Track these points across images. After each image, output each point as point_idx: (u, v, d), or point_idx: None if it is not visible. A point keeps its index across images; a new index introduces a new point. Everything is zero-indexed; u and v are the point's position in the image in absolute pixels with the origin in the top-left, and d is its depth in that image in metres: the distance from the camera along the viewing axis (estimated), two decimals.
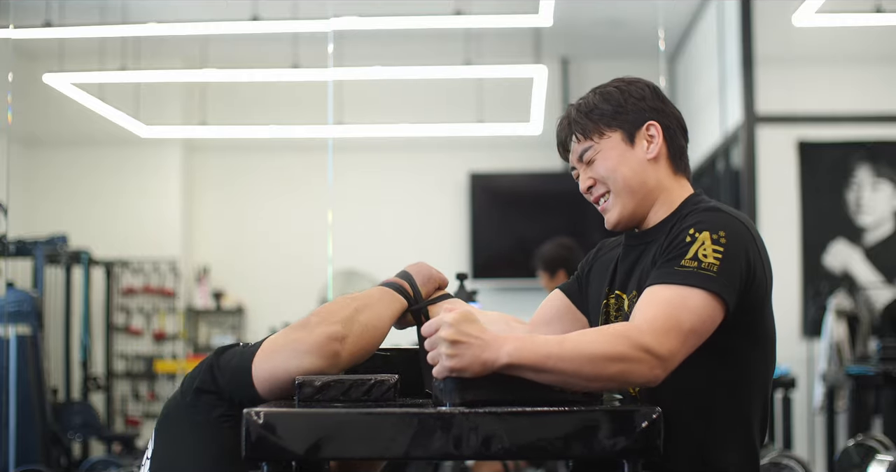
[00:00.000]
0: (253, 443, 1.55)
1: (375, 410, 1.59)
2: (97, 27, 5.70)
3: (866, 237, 6.11)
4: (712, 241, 1.70)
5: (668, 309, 1.65)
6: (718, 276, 1.68)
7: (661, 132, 1.87)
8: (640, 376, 1.61)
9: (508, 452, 1.55)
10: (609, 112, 1.87)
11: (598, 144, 1.88)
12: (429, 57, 6.44)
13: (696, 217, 1.75)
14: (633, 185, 1.86)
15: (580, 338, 1.62)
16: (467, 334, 1.59)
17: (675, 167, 1.89)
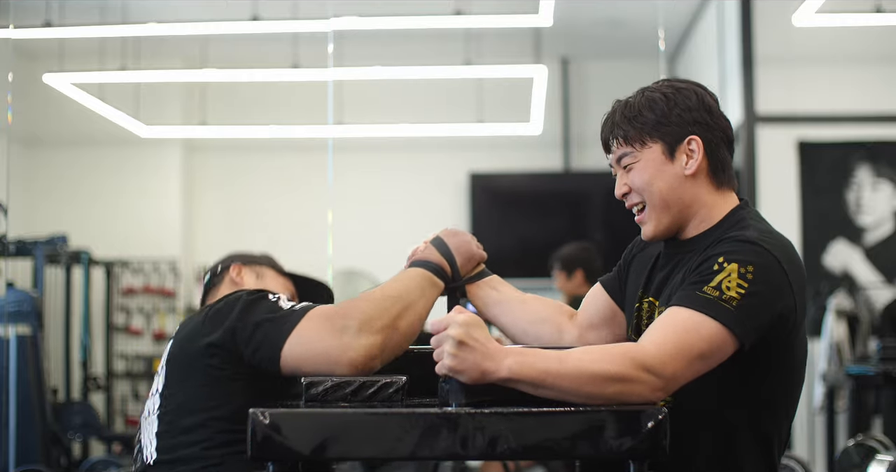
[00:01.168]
0: (259, 443, 1.55)
1: (381, 410, 1.59)
2: (97, 27, 5.70)
3: (866, 237, 6.12)
4: (739, 275, 1.67)
5: (680, 333, 1.64)
6: (736, 311, 1.65)
7: (702, 148, 1.82)
8: (638, 397, 1.60)
9: (514, 452, 1.55)
10: (652, 122, 1.83)
11: (638, 152, 1.84)
12: (429, 57, 6.44)
13: (731, 246, 1.72)
14: (669, 200, 1.83)
15: (583, 356, 1.61)
16: (474, 339, 1.58)
17: (717, 182, 1.85)
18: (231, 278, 2.34)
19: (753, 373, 1.76)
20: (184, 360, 1.91)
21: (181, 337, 1.95)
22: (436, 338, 1.61)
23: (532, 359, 1.59)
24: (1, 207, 4.75)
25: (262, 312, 1.85)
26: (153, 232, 7.72)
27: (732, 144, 1.88)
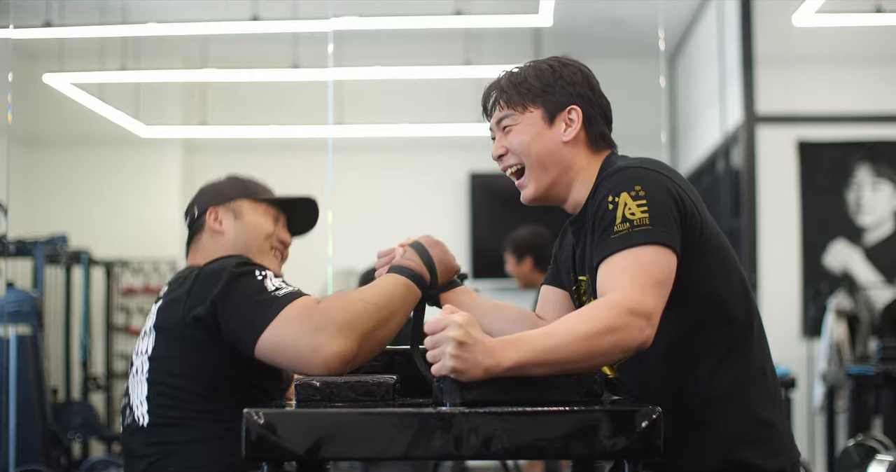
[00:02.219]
0: (253, 443, 1.55)
1: (375, 410, 1.59)
2: (97, 27, 5.70)
3: (866, 237, 6.11)
4: (632, 197, 1.73)
5: (631, 271, 1.67)
6: (654, 226, 1.71)
7: (580, 118, 1.90)
8: (633, 340, 1.63)
9: (508, 452, 1.55)
10: (537, 89, 1.92)
11: (519, 115, 1.92)
12: (429, 57, 6.44)
13: (609, 183, 1.78)
14: (546, 162, 1.90)
15: (567, 323, 1.63)
16: (473, 338, 1.59)
17: (594, 149, 1.93)
18: (210, 226, 2.21)
19: (688, 285, 1.78)
20: (170, 329, 1.96)
21: (167, 307, 1.98)
22: (433, 339, 1.60)
23: (526, 343, 1.60)
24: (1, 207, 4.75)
25: (246, 292, 1.87)
26: (153, 232, 7.72)
27: (610, 123, 1.96)
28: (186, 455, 1.94)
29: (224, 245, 2.15)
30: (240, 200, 2.21)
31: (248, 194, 2.22)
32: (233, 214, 2.19)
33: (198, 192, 2.27)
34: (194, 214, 2.22)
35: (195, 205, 2.24)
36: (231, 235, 2.16)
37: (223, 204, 2.20)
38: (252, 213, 2.20)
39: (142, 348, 2.02)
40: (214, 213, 2.19)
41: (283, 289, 1.89)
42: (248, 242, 2.16)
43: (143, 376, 1.98)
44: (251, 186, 2.26)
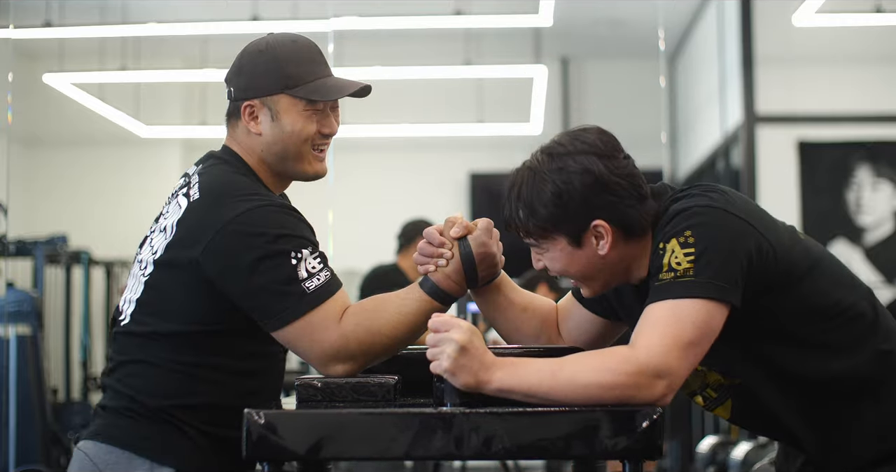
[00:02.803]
0: (254, 443, 1.55)
1: (376, 410, 1.59)
2: (97, 27, 5.71)
3: (866, 237, 6.11)
4: (680, 245, 1.65)
5: (663, 327, 1.61)
6: (697, 277, 1.62)
7: (609, 228, 1.73)
8: (640, 399, 1.58)
9: (509, 452, 1.55)
10: (549, 218, 1.73)
11: (544, 243, 1.77)
12: (429, 57, 6.44)
13: (662, 229, 1.70)
14: (589, 274, 1.78)
15: (576, 366, 1.59)
16: (475, 347, 1.58)
17: (640, 234, 1.76)
18: (245, 124, 1.93)
19: (781, 314, 1.72)
20: (174, 269, 1.83)
21: (179, 246, 1.82)
22: (436, 337, 1.60)
23: (523, 371, 1.58)
24: (1, 207, 4.75)
25: (274, 278, 1.75)
26: None
27: (639, 186, 1.75)
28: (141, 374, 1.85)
29: (260, 145, 1.93)
30: (281, 95, 1.91)
31: (286, 85, 1.91)
32: (269, 112, 1.92)
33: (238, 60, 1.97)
34: (230, 94, 1.96)
35: (231, 84, 1.96)
36: (268, 137, 1.92)
37: (259, 98, 1.92)
38: (291, 112, 1.92)
39: (151, 246, 1.89)
40: (249, 108, 1.93)
41: (316, 277, 1.77)
42: (286, 147, 1.92)
43: (144, 275, 1.87)
44: (292, 68, 1.92)
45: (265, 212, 1.79)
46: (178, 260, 1.82)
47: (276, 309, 1.76)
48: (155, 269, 1.85)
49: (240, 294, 1.78)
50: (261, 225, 1.77)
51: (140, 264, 1.90)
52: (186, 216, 1.83)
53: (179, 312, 1.83)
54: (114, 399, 1.87)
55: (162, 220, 1.91)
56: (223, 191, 1.84)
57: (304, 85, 1.92)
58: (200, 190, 1.85)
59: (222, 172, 1.90)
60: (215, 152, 1.99)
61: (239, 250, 1.76)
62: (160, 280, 1.84)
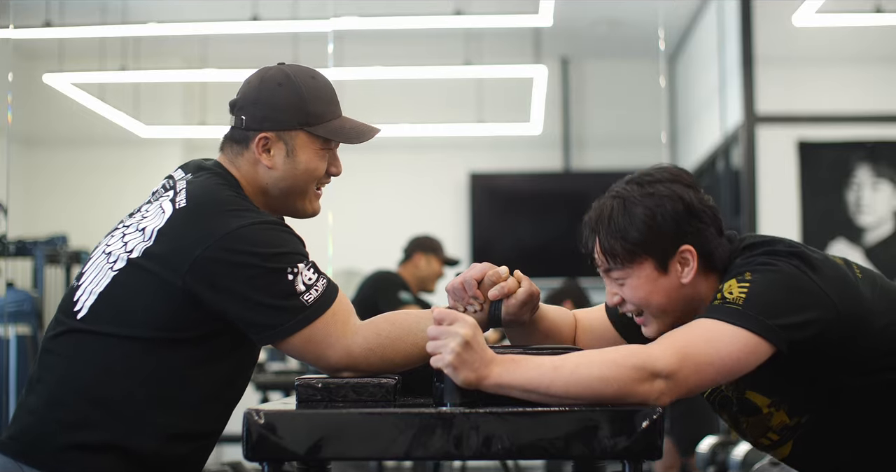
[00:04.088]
0: (254, 443, 1.55)
1: (376, 410, 1.59)
2: (97, 27, 5.70)
3: (866, 237, 6.11)
4: (738, 281, 1.67)
5: (685, 337, 1.62)
6: (744, 308, 1.62)
7: (695, 255, 1.76)
8: (640, 399, 1.57)
9: (509, 452, 1.55)
10: (639, 240, 1.74)
11: (628, 269, 1.77)
12: (429, 57, 6.44)
13: (728, 275, 1.72)
14: (669, 309, 1.78)
15: (580, 360, 1.59)
16: (479, 343, 1.58)
17: (717, 268, 1.79)
18: (256, 153, 1.89)
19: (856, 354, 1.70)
20: (150, 275, 1.77)
21: (161, 257, 1.76)
22: (439, 330, 1.59)
23: (524, 367, 1.58)
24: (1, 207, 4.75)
25: (272, 292, 1.73)
26: None
27: (719, 219, 1.80)
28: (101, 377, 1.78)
29: (267, 178, 1.90)
30: (297, 130, 1.89)
31: (307, 122, 1.89)
32: (285, 147, 1.89)
33: (252, 89, 1.92)
34: (241, 123, 1.91)
35: (243, 112, 1.91)
36: (279, 171, 1.89)
37: (277, 131, 1.88)
38: (307, 150, 1.90)
39: (131, 241, 1.81)
40: (264, 140, 1.89)
41: (314, 288, 1.76)
42: (296, 183, 1.91)
43: (112, 268, 1.80)
44: (313, 107, 1.90)
45: (257, 229, 1.77)
46: (156, 270, 1.77)
47: (275, 323, 1.74)
48: (127, 266, 1.79)
49: (235, 310, 1.75)
50: (254, 243, 1.75)
51: (108, 256, 1.82)
52: (170, 225, 1.78)
53: (144, 314, 1.77)
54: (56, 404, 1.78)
55: (139, 218, 1.85)
56: (213, 204, 1.80)
57: (324, 124, 1.91)
58: (188, 199, 1.81)
59: (214, 185, 1.86)
60: (207, 165, 1.93)
61: (232, 268, 1.73)
62: (130, 279, 1.78)
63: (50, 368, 1.81)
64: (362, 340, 1.77)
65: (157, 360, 1.78)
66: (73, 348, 1.80)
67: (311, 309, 1.75)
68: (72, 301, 1.83)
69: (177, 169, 1.96)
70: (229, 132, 1.95)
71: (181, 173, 1.93)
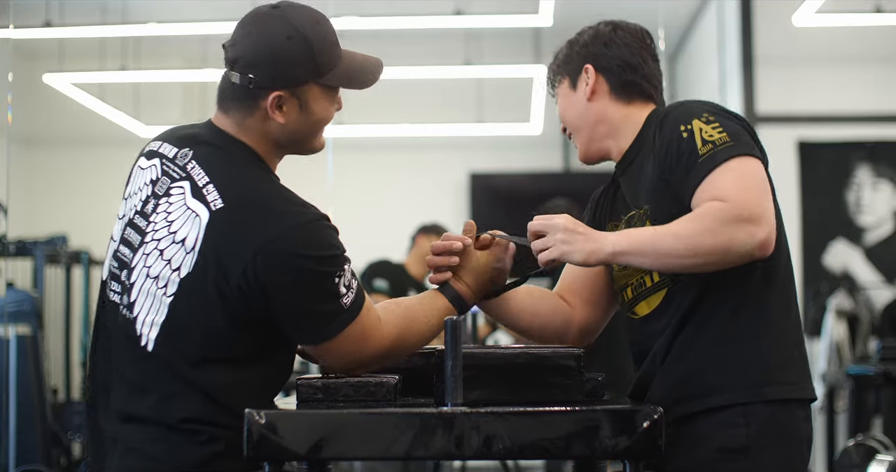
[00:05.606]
0: (255, 443, 1.55)
1: (377, 410, 1.59)
2: (97, 27, 5.70)
3: (866, 237, 6.11)
4: (705, 122, 1.79)
5: (731, 181, 1.71)
6: (735, 141, 1.75)
7: (594, 73, 1.97)
8: (744, 245, 1.67)
9: (509, 452, 1.56)
10: (561, 61, 2.04)
11: (557, 89, 2.05)
12: (429, 57, 6.44)
13: (673, 117, 1.84)
14: (580, 125, 2.00)
15: (680, 223, 1.70)
16: (581, 225, 1.76)
17: (624, 98, 1.98)
18: (268, 111, 1.80)
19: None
20: (215, 276, 1.71)
21: (213, 265, 1.70)
22: (543, 225, 1.75)
23: (636, 233, 1.73)
24: (1, 207, 4.75)
25: (318, 297, 1.72)
26: None
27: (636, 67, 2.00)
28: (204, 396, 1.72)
29: (278, 131, 1.82)
30: (311, 84, 1.81)
31: (318, 74, 1.81)
32: (298, 103, 1.81)
33: (254, 43, 1.82)
34: (248, 81, 1.79)
35: (249, 70, 1.80)
36: (292, 125, 1.82)
37: (290, 88, 1.80)
38: (321, 100, 1.84)
39: (174, 257, 1.73)
40: (278, 98, 1.80)
41: (351, 290, 1.75)
42: (307, 133, 1.86)
43: (165, 295, 1.73)
44: (320, 57, 1.81)
45: (309, 230, 1.72)
46: (209, 285, 1.71)
47: (315, 328, 1.74)
48: (180, 290, 1.72)
49: (281, 314, 1.73)
50: (306, 245, 1.71)
51: (156, 281, 1.74)
52: (213, 232, 1.71)
53: (209, 338, 1.72)
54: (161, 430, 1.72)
55: (163, 222, 1.76)
56: (256, 205, 1.73)
57: (333, 71, 1.83)
58: (224, 198, 1.73)
59: (246, 177, 1.78)
60: (206, 138, 1.83)
61: (283, 271, 1.69)
62: (189, 302, 1.72)
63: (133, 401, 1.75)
64: (392, 327, 1.80)
65: (235, 378, 1.74)
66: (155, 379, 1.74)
67: (348, 312, 1.74)
68: (135, 335, 1.75)
69: (160, 144, 1.88)
70: (230, 91, 1.83)
71: (173, 149, 1.84)
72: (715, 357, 1.79)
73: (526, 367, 1.69)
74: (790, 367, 1.81)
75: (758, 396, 1.76)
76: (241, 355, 1.74)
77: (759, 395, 1.76)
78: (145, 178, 1.84)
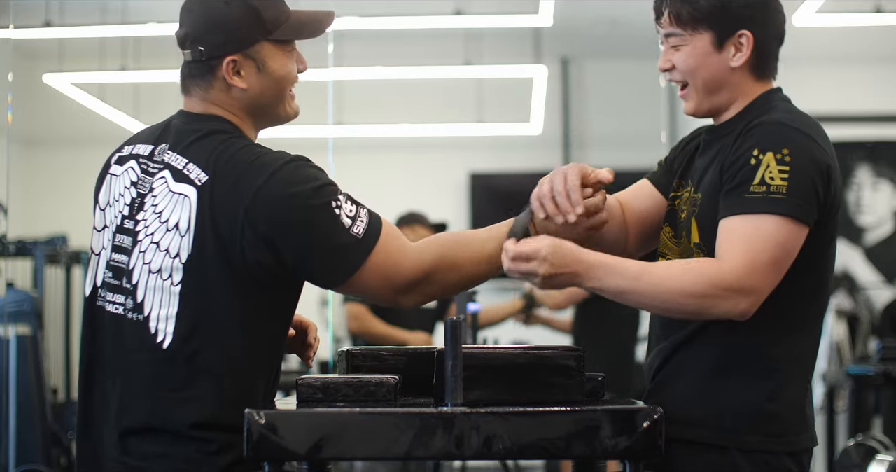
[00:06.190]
0: (255, 443, 1.55)
1: (377, 410, 1.59)
2: (97, 27, 5.70)
3: (866, 237, 6.11)
4: (777, 161, 1.70)
5: (749, 243, 1.66)
6: (789, 197, 1.68)
7: (751, 43, 1.83)
8: (722, 312, 1.66)
9: (509, 452, 1.56)
10: (706, 10, 1.80)
11: (687, 36, 1.83)
12: (429, 57, 6.44)
13: (760, 134, 1.74)
14: (711, 87, 1.84)
15: (668, 270, 1.68)
16: (560, 266, 1.66)
17: (759, 74, 1.88)
18: (226, 79, 1.80)
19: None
20: (216, 249, 1.69)
21: (211, 236, 1.69)
22: (519, 272, 1.68)
23: (615, 271, 1.67)
24: (1, 207, 4.75)
25: (325, 233, 1.69)
26: None
27: (783, 39, 1.93)
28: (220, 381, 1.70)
29: (245, 99, 1.81)
30: (265, 42, 1.80)
31: (267, 31, 1.80)
32: (255, 64, 1.80)
33: (196, 16, 1.81)
34: (200, 55, 1.79)
35: (199, 43, 1.79)
36: (255, 89, 1.81)
37: (242, 51, 1.79)
38: (276, 58, 1.82)
39: (170, 244, 1.71)
40: (232, 63, 1.79)
41: (359, 219, 1.72)
42: (274, 94, 1.84)
43: (175, 284, 1.70)
44: (265, 13, 1.80)
45: (287, 171, 1.71)
46: (215, 260, 1.69)
47: (334, 266, 1.71)
48: (185, 275, 1.70)
49: (296, 261, 1.70)
50: (289, 185, 1.70)
51: (159, 273, 1.71)
52: (204, 205, 1.70)
53: (225, 321, 1.70)
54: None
55: (152, 215, 1.74)
56: (233, 164, 1.72)
57: (282, 27, 1.82)
58: (208, 170, 1.72)
59: (222, 143, 1.76)
60: (178, 125, 1.81)
61: (278, 217, 1.68)
62: (198, 286, 1.70)
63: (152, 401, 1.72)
64: (431, 250, 1.78)
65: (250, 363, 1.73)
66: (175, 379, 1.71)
67: (364, 240, 1.72)
68: (149, 334, 1.71)
69: (132, 146, 1.84)
70: (187, 70, 1.83)
71: (148, 147, 1.81)
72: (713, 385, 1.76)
73: (526, 367, 1.69)
74: (785, 414, 1.75)
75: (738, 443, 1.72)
76: (256, 335, 1.73)
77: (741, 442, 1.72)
78: (124, 182, 1.82)
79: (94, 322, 1.80)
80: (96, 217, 1.85)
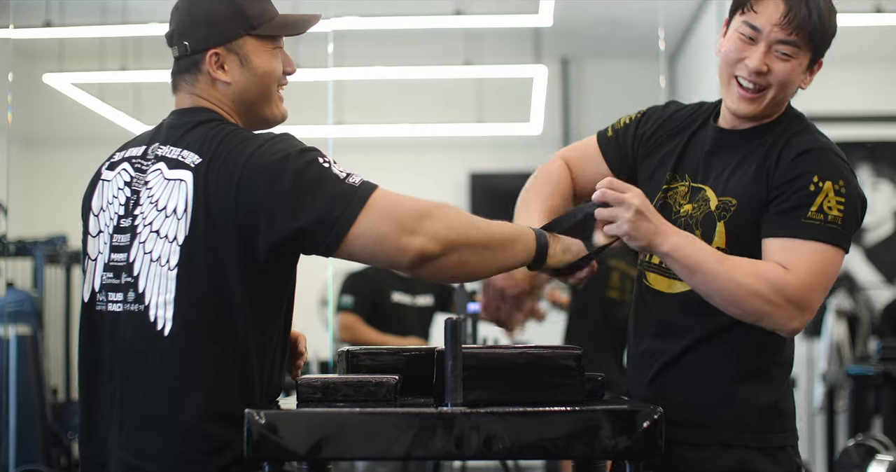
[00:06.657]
0: (255, 443, 1.55)
1: (377, 410, 1.59)
2: (97, 27, 5.70)
3: (866, 237, 6.11)
4: (835, 192, 1.78)
5: (813, 265, 1.74)
6: (843, 229, 1.77)
7: (817, 70, 1.94)
8: (775, 322, 1.72)
9: (509, 452, 1.56)
10: (822, 35, 1.89)
11: (800, 52, 1.88)
12: (429, 57, 6.44)
13: (817, 159, 1.83)
14: (783, 101, 1.92)
15: (741, 265, 1.72)
16: (652, 212, 1.73)
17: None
18: (210, 73, 1.83)
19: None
20: (212, 226, 1.69)
21: (204, 214, 1.69)
22: (615, 196, 1.69)
23: (697, 246, 1.73)
24: (1, 207, 4.75)
25: (321, 183, 1.67)
26: None
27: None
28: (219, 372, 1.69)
29: (230, 94, 1.84)
30: (244, 37, 1.83)
31: (250, 26, 1.83)
32: (238, 58, 1.83)
33: (183, 12, 1.85)
34: (185, 50, 1.83)
35: (184, 38, 1.83)
36: (239, 84, 1.83)
37: (224, 45, 1.82)
38: (259, 54, 1.84)
39: (165, 229, 1.72)
40: (215, 57, 1.82)
41: (355, 175, 1.71)
42: (260, 90, 1.85)
43: (171, 269, 1.70)
44: (249, 9, 1.84)
45: (272, 143, 1.72)
46: (210, 239, 1.69)
47: (338, 212, 1.66)
48: (182, 257, 1.69)
49: (299, 221, 1.66)
50: (274, 152, 1.70)
51: (159, 261, 1.71)
52: (199, 185, 1.70)
53: (223, 302, 1.69)
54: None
55: (149, 207, 1.74)
56: (224, 143, 1.74)
57: (267, 24, 1.85)
58: (202, 153, 1.74)
59: (213, 129, 1.77)
60: (169, 122, 1.83)
61: (269, 182, 1.67)
62: (192, 269, 1.69)
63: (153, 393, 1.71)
64: (439, 212, 1.76)
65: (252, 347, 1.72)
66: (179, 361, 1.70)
67: (362, 187, 1.69)
68: (149, 323, 1.70)
69: (124, 151, 1.86)
70: (175, 67, 1.86)
71: (140, 148, 1.83)
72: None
73: (526, 367, 1.69)
74: (788, 410, 1.87)
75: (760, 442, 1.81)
76: (256, 318, 1.72)
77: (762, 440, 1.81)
78: (117, 184, 1.82)
79: (94, 327, 1.79)
80: (90, 223, 1.85)
